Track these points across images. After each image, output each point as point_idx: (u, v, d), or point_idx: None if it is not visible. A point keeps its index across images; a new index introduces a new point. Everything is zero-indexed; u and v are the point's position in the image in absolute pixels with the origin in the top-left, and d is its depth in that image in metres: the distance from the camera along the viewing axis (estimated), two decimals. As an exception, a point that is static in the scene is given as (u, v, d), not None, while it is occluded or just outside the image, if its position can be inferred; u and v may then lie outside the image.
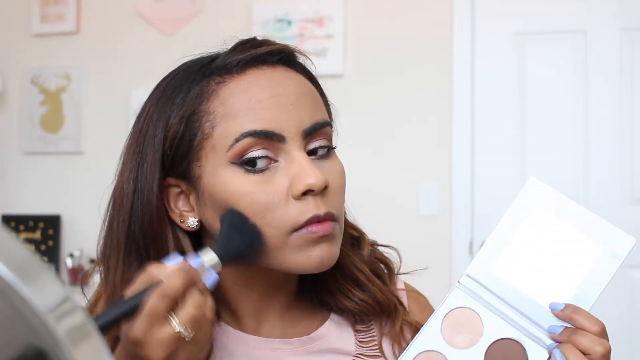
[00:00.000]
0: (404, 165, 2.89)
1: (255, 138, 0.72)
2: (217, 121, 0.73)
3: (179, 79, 0.77)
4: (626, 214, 2.64)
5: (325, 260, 0.74)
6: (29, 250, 0.33)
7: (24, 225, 3.16)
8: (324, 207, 0.73)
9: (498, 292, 0.74)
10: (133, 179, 0.76)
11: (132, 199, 0.75)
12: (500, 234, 0.75)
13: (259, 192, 0.72)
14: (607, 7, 2.78)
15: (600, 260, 0.73)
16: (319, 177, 0.71)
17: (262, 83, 0.74)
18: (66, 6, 3.22)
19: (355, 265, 0.83)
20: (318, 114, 0.76)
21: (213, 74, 0.75)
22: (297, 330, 0.82)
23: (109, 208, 0.79)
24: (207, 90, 0.74)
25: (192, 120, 0.74)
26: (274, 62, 0.76)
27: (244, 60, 0.75)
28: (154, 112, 0.76)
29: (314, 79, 0.81)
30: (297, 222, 0.72)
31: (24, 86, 3.27)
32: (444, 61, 2.87)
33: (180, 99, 0.75)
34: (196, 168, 0.75)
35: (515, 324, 0.73)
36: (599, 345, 0.68)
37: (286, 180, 0.72)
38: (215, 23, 3.03)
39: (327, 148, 0.76)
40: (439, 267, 2.76)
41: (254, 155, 0.72)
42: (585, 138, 2.77)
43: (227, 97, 0.74)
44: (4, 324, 0.33)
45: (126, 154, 0.78)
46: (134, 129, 0.78)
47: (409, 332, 0.84)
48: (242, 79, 0.74)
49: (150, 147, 0.75)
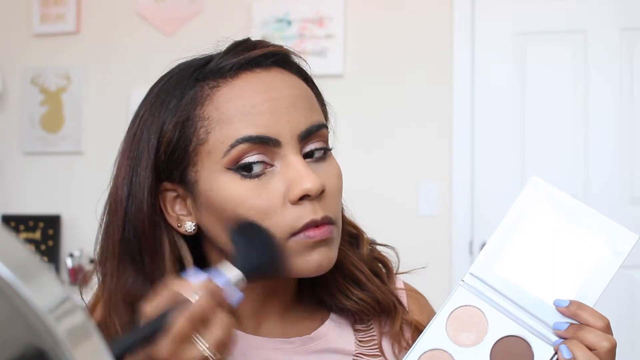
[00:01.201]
0: (404, 165, 2.89)
1: (251, 143, 0.72)
2: (212, 127, 0.73)
3: (172, 83, 0.76)
4: (626, 214, 2.64)
5: (324, 264, 0.74)
6: (29, 250, 0.33)
7: (24, 225, 3.16)
8: (321, 211, 0.73)
9: (502, 290, 0.74)
10: (127, 184, 0.75)
11: (126, 204, 0.75)
12: (503, 232, 0.76)
13: (255, 197, 0.72)
14: (607, 7, 2.77)
15: (603, 256, 0.73)
16: (315, 182, 0.71)
17: (256, 87, 0.74)
18: (66, 6, 3.22)
19: (354, 264, 0.83)
20: (313, 117, 0.76)
21: (207, 78, 0.75)
22: (296, 330, 0.82)
23: (105, 212, 0.79)
24: (201, 95, 0.74)
25: (186, 126, 0.74)
26: (268, 65, 0.76)
27: (237, 64, 0.74)
28: (147, 117, 0.76)
29: (310, 79, 0.80)
30: (294, 227, 0.72)
31: (24, 86, 3.27)
32: (444, 61, 2.87)
33: (174, 104, 0.74)
34: (192, 173, 0.74)
35: (520, 321, 0.73)
36: (604, 341, 0.68)
37: (282, 185, 0.72)
38: (215, 23, 3.03)
39: (323, 150, 0.76)
40: (438, 267, 2.76)
41: (249, 160, 0.72)
42: (585, 138, 2.77)
43: (221, 102, 0.73)
44: (4, 324, 0.33)
45: (121, 159, 0.78)
46: (128, 133, 0.78)
47: (409, 331, 0.84)
48: (235, 83, 0.74)
49: (145, 152, 0.75)
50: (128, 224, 0.75)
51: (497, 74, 2.85)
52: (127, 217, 0.75)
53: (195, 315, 0.62)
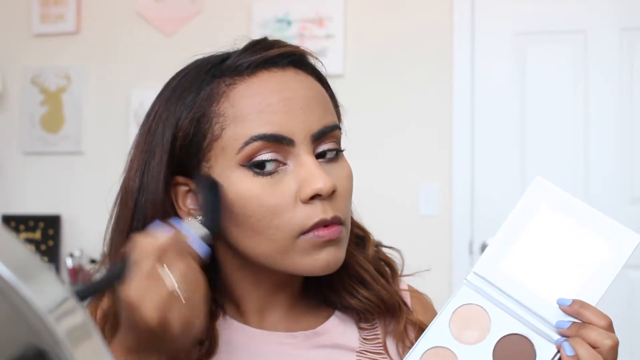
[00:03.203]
0: (404, 165, 2.89)
1: (265, 141, 0.72)
2: (227, 123, 0.73)
3: (189, 79, 0.77)
4: (626, 214, 2.64)
5: (332, 264, 0.75)
6: (29, 250, 0.33)
7: (24, 225, 3.16)
8: (331, 211, 0.73)
9: (505, 289, 0.74)
10: (140, 176, 0.76)
11: (137, 196, 0.76)
12: (506, 232, 0.76)
13: (267, 195, 0.73)
14: (607, 7, 2.77)
15: (605, 256, 0.74)
16: (327, 182, 0.72)
17: (273, 86, 0.74)
18: (66, 6, 3.22)
19: (360, 264, 0.83)
20: (327, 118, 0.77)
21: (224, 75, 0.75)
22: (301, 325, 0.82)
23: (116, 204, 0.79)
24: (217, 91, 0.75)
25: (202, 122, 0.74)
26: (284, 65, 0.77)
27: (255, 62, 0.75)
28: (163, 112, 0.76)
29: (324, 80, 0.82)
30: (304, 225, 0.73)
31: (24, 86, 3.26)
32: (444, 61, 2.87)
33: (190, 99, 0.75)
34: (205, 168, 0.75)
35: (523, 319, 0.73)
36: (607, 339, 0.69)
37: (294, 183, 0.73)
38: (215, 23, 3.03)
39: (335, 151, 0.77)
40: (439, 267, 2.76)
41: (263, 158, 0.73)
42: (585, 138, 2.77)
43: (237, 99, 0.74)
44: (4, 324, 0.33)
45: (134, 152, 0.78)
46: (143, 127, 0.79)
47: (413, 331, 0.84)
48: (252, 81, 0.75)
49: (159, 146, 0.75)
50: (138, 215, 0.76)
51: (497, 74, 2.85)
52: (137, 209, 0.76)
53: (159, 250, 0.64)
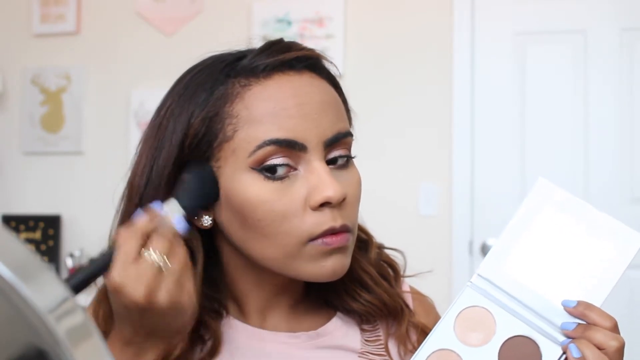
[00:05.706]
0: (404, 165, 2.89)
1: (277, 146, 0.72)
2: (240, 125, 0.73)
3: (202, 77, 0.76)
4: (626, 214, 2.64)
5: (338, 271, 0.75)
6: (29, 250, 0.33)
7: (24, 225, 3.16)
8: (340, 219, 0.73)
9: (510, 291, 0.74)
10: (147, 172, 0.76)
11: (142, 191, 0.76)
12: (510, 234, 0.76)
13: (277, 199, 0.72)
14: (607, 7, 2.77)
15: (609, 257, 0.74)
16: (337, 190, 0.72)
17: (288, 90, 0.74)
18: (66, 6, 3.22)
19: (362, 267, 0.83)
20: (340, 124, 0.77)
21: (238, 76, 0.75)
22: (303, 326, 0.82)
23: (123, 197, 0.79)
24: (231, 92, 0.74)
25: (214, 122, 0.73)
26: (300, 68, 0.76)
27: (271, 65, 0.74)
28: (175, 108, 0.75)
29: (338, 86, 0.81)
30: (313, 232, 0.72)
31: (24, 86, 3.27)
32: (444, 61, 2.87)
33: (203, 98, 0.74)
34: (213, 168, 0.74)
35: (528, 321, 0.73)
36: (613, 340, 0.68)
37: (305, 189, 0.73)
38: (215, 23, 3.03)
39: (346, 157, 0.77)
40: (439, 267, 2.76)
41: (274, 162, 0.72)
42: (585, 138, 2.77)
43: (251, 101, 0.73)
44: (4, 324, 0.33)
45: (143, 146, 0.78)
46: (153, 122, 0.78)
47: (415, 333, 0.84)
48: (267, 84, 0.74)
49: (168, 142, 0.75)
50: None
51: (497, 74, 2.85)
52: (143, 205, 0.75)
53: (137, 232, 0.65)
